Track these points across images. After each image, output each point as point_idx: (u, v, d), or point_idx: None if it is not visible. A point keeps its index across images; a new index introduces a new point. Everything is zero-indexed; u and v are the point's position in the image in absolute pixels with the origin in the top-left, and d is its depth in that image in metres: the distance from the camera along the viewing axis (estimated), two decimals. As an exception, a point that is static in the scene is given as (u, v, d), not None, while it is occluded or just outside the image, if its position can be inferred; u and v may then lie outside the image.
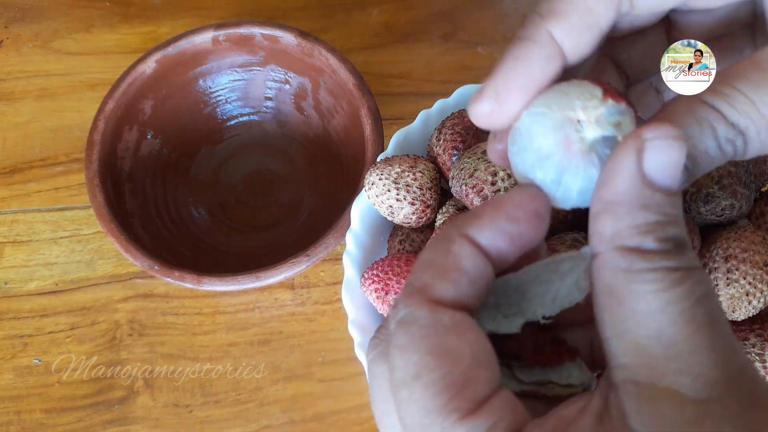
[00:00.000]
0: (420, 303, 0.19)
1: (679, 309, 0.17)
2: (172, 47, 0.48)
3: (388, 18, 0.58)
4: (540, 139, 0.20)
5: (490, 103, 0.21)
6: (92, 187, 0.44)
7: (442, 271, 0.19)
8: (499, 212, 0.20)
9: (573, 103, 0.20)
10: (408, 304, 0.19)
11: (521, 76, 0.21)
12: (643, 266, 0.17)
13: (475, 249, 0.20)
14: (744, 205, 0.34)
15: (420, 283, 0.19)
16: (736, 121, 0.19)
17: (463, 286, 0.19)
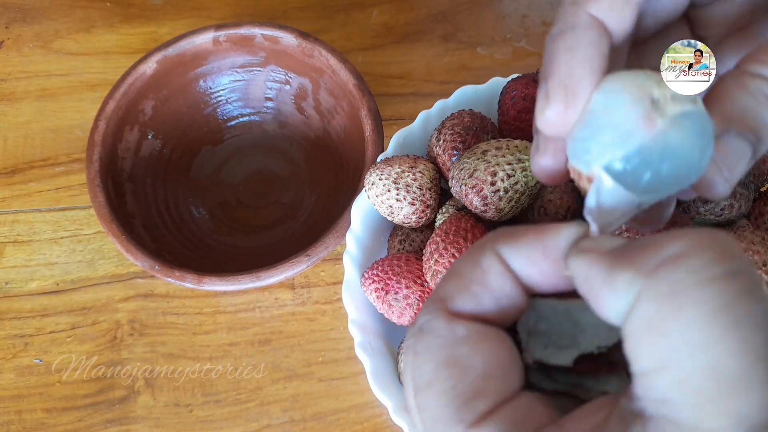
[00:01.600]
0: (439, 311, 0.19)
1: (737, 336, 0.15)
2: (173, 48, 0.48)
3: (388, 18, 0.58)
4: (621, 114, 0.19)
5: (562, 102, 0.20)
6: (93, 188, 0.44)
7: (467, 283, 0.19)
8: (537, 244, 0.19)
9: (644, 83, 0.19)
10: (429, 311, 0.19)
11: (583, 64, 0.20)
12: (693, 280, 0.15)
13: (504, 268, 0.19)
14: (743, 205, 0.34)
15: (443, 293, 0.20)
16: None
17: (484, 302, 0.19)
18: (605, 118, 0.19)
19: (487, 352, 0.18)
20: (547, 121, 0.20)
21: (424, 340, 0.19)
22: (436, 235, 0.35)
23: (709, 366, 0.15)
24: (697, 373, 0.15)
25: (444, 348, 0.18)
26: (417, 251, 0.38)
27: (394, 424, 0.42)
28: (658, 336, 0.15)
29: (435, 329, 0.19)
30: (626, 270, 0.16)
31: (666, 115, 0.18)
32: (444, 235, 0.34)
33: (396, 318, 0.36)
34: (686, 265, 0.15)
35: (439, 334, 0.19)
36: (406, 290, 0.36)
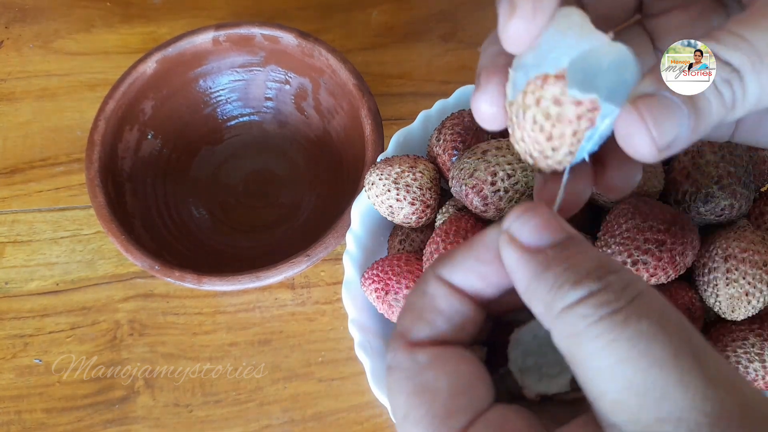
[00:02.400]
0: (399, 348, 0.20)
1: (635, 353, 0.16)
2: (173, 47, 0.48)
3: (388, 18, 0.58)
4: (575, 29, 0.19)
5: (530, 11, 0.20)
6: (93, 187, 0.44)
7: (419, 312, 0.21)
8: (469, 253, 0.21)
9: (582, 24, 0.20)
10: (393, 348, 0.20)
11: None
12: (582, 325, 0.17)
13: (448, 288, 0.21)
14: (743, 205, 0.34)
15: (401, 328, 0.21)
16: (727, 58, 0.19)
17: (439, 324, 0.20)
18: (557, 40, 0.20)
19: (451, 372, 0.19)
20: (510, 34, 0.20)
21: (393, 375, 0.20)
22: (436, 235, 0.35)
23: (626, 385, 0.16)
24: (621, 392, 0.16)
25: (410, 378, 0.19)
26: (417, 251, 0.38)
27: (394, 425, 0.42)
28: (579, 367, 0.17)
29: (399, 363, 0.20)
30: (537, 304, 0.18)
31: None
32: (444, 235, 0.34)
33: (396, 318, 0.36)
34: (579, 312, 0.17)
35: (404, 367, 0.20)
36: (406, 290, 0.35)
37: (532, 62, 0.20)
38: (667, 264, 0.31)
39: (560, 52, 0.20)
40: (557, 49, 0.20)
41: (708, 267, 0.33)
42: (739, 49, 0.19)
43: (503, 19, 0.20)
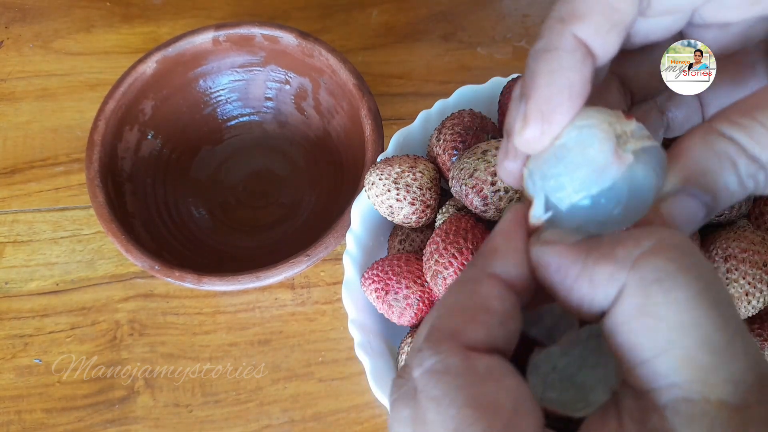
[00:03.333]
0: (451, 350, 0.18)
1: (720, 312, 0.16)
2: (173, 47, 0.48)
3: (388, 18, 0.58)
4: (595, 150, 0.20)
5: (539, 125, 0.20)
6: (93, 188, 0.44)
7: (472, 313, 0.19)
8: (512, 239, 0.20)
9: (609, 119, 0.20)
10: (439, 351, 0.18)
11: (562, 90, 0.20)
12: (673, 267, 0.17)
13: (502, 287, 0.19)
14: (743, 205, 0.34)
15: (449, 328, 0.18)
16: (757, 155, 0.19)
17: (495, 328, 0.19)
18: (579, 154, 0.20)
19: (513, 388, 0.17)
20: (523, 141, 0.20)
21: (441, 381, 0.17)
22: (436, 235, 0.35)
23: (704, 341, 0.16)
24: (696, 349, 0.16)
25: (466, 388, 0.17)
26: (417, 251, 0.38)
27: (394, 425, 0.42)
28: (653, 321, 0.17)
29: (451, 368, 0.17)
30: (605, 264, 0.17)
31: (629, 151, 0.19)
32: (444, 235, 0.34)
33: (396, 318, 0.36)
34: (665, 255, 0.17)
35: (458, 373, 0.17)
36: (406, 290, 0.35)
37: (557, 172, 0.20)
38: (667, 264, 0.31)
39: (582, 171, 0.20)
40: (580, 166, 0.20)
41: (708, 267, 0.33)
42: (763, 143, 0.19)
43: (518, 126, 0.20)
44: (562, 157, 0.20)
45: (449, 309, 0.19)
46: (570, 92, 0.20)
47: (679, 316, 0.16)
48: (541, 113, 0.20)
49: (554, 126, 0.20)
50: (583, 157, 0.20)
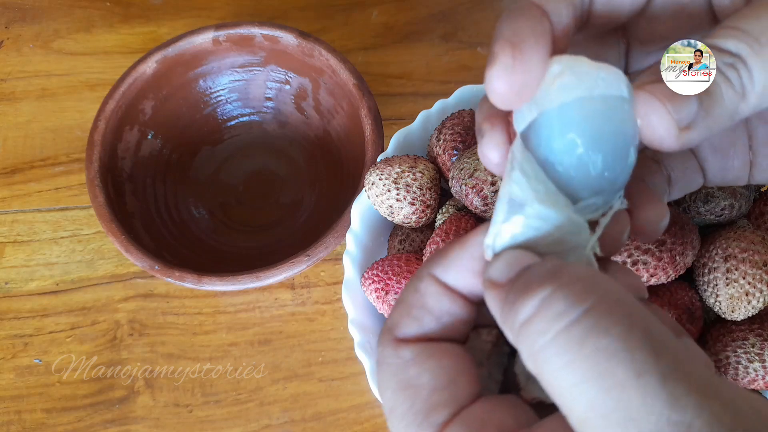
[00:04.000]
0: (387, 343, 0.21)
1: (596, 373, 0.15)
2: (173, 47, 0.48)
3: (388, 18, 0.58)
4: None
5: (509, 58, 0.19)
6: (93, 188, 0.44)
7: (408, 308, 0.21)
8: (462, 251, 0.21)
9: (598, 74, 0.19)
10: (381, 343, 0.21)
11: (525, 27, 0.19)
12: (541, 342, 0.16)
13: (439, 287, 0.21)
14: (743, 205, 0.34)
15: (390, 323, 0.21)
16: (725, 46, 0.19)
17: (426, 322, 0.20)
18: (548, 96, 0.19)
19: (433, 368, 0.20)
20: (494, 87, 0.19)
21: (381, 370, 0.20)
22: (436, 235, 0.35)
23: (590, 406, 0.15)
24: (586, 413, 0.15)
25: (395, 374, 0.20)
26: (417, 251, 0.38)
27: (394, 424, 0.42)
28: (545, 385, 0.17)
29: (387, 358, 0.20)
30: (506, 330, 0.18)
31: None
32: (444, 235, 0.34)
33: (396, 318, 0.36)
34: (534, 328, 0.17)
35: (390, 362, 0.20)
36: (406, 290, 0.35)
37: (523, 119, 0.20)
38: (667, 264, 0.31)
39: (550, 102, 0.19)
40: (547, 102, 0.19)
41: (708, 267, 0.33)
42: (735, 37, 0.19)
43: (487, 72, 0.19)
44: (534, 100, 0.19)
45: (397, 303, 0.21)
46: (534, 30, 0.19)
47: (561, 382, 0.16)
48: (509, 43, 0.19)
49: (525, 57, 0.19)
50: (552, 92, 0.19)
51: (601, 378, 0.15)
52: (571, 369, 0.16)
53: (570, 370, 0.16)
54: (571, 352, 0.16)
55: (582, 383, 0.15)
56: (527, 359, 0.17)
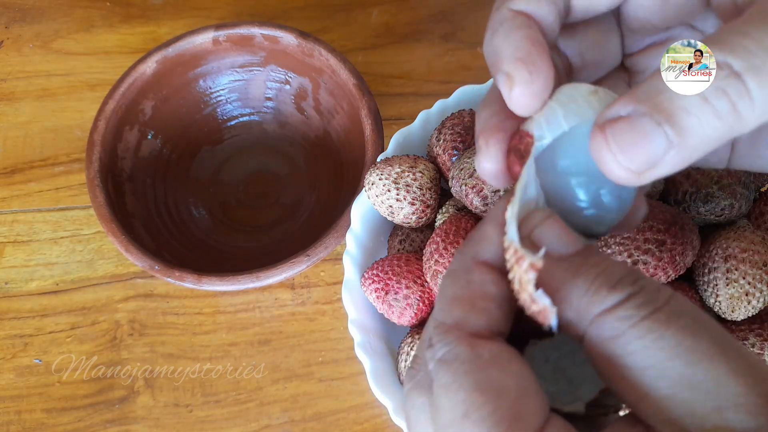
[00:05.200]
0: (458, 339, 0.19)
1: (684, 348, 0.16)
2: (173, 47, 0.48)
3: (388, 18, 0.58)
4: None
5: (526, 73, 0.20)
6: (93, 188, 0.44)
7: (470, 302, 0.19)
8: (502, 228, 0.20)
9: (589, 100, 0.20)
10: (447, 341, 0.19)
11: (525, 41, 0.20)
12: (624, 326, 0.17)
13: (493, 272, 0.20)
14: (743, 205, 0.34)
15: (452, 320, 0.19)
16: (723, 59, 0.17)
17: (494, 312, 0.19)
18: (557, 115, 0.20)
19: (517, 372, 0.18)
20: (516, 98, 0.20)
21: (451, 369, 0.18)
22: (436, 235, 0.35)
23: (677, 381, 0.16)
24: (671, 389, 0.16)
25: (473, 373, 0.18)
26: (417, 251, 0.38)
27: (394, 425, 0.42)
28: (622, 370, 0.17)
29: (459, 356, 0.18)
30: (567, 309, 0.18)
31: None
32: (444, 235, 0.34)
33: (396, 318, 0.36)
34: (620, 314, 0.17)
35: (465, 359, 0.18)
36: (406, 290, 0.35)
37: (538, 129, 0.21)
38: (667, 264, 0.31)
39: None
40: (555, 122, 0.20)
41: (708, 267, 0.33)
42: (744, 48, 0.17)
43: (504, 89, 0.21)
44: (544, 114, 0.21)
45: (449, 301, 0.20)
46: (530, 40, 0.20)
47: (645, 366, 0.17)
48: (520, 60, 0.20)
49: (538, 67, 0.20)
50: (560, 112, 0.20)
51: (689, 352, 0.16)
52: (659, 347, 0.16)
53: (657, 347, 0.16)
54: (658, 332, 0.17)
55: (670, 359, 0.16)
56: (599, 343, 0.17)
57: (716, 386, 0.16)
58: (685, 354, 0.16)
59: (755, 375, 0.16)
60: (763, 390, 0.16)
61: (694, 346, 0.16)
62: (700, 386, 0.16)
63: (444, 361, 0.18)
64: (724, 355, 0.16)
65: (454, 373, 0.18)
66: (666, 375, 0.16)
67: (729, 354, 0.16)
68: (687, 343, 0.16)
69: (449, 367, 0.18)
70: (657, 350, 0.16)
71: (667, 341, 0.16)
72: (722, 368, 0.16)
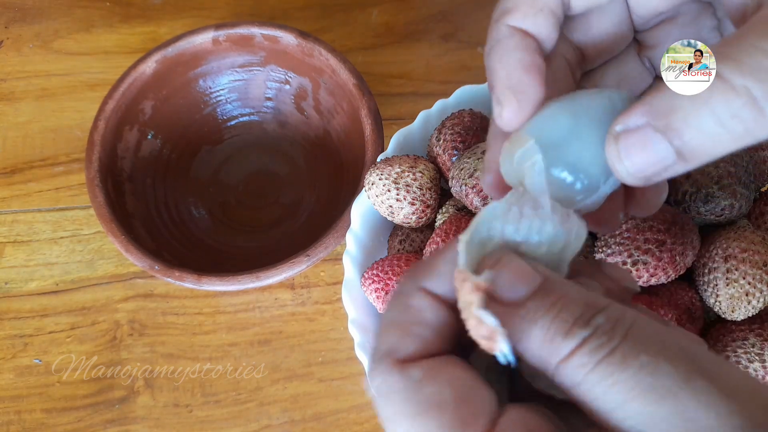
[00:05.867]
0: (389, 368, 0.19)
1: (642, 389, 0.16)
2: (172, 47, 0.48)
3: (388, 18, 0.58)
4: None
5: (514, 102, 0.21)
6: (93, 187, 0.44)
7: (404, 328, 0.19)
8: (448, 259, 0.20)
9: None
10: (380, 371, 0.19)
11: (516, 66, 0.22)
12: (582, 373, 0.17)
13: (433, 300, 0.20)
14: (743, 205, 0.34)
15: (386, 346, 0.19)
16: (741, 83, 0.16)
17: (428, 338, 0.19)
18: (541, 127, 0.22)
19: (451, 379, 0.18)
20: (506, 122, 0.22)
21: (389, 400, 0.18)
22: (436, 235, 0.35)
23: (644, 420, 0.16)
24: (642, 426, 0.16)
25: (409, 398, 0.18)
26: (417, 251, 0.38)
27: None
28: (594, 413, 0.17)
29: (393, 385, 0.18)
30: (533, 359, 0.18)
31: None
32: (444, 235, 0.34)
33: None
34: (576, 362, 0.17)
35: (399, 388, 0.18)
36: (406, 290, 0.35)
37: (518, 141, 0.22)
38: (667, 264, 0.31)
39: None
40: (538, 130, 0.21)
41: (708, 267, 0.33)
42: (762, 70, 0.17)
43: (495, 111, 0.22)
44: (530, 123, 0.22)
45: (386, 326, 0.20)
46: (522, 65, 0.22)
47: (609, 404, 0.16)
48: (509, 89, 0.22)
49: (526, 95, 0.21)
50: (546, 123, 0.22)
51: (649, 391, 0.16)
52: (617, 391, 0.16)
53: (616, 391, 0.16)
54: (614, 375, 0.16)
55: (631, 400, 0.16)
56: (567, 390, 0.17)
57: (684, 421, 0.15)
58: (643, 395, 0.16)
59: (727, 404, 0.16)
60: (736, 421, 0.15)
61: (653, 384, 0.16)
62: (669, 421, 0.16)
63: (380, 393, 0.19)
64: (689, 387, 0.16)
65: (392, 404, 0.18)
66: (630, 416, 0.16)
67: (694, 384, 0.16)
68: (645, 383, 0.16)
69: (386, 398, 0.18)
70: (616, 394, 0.16)
71: (623, 384, 0.16)
72: (688, 402, 0.16)
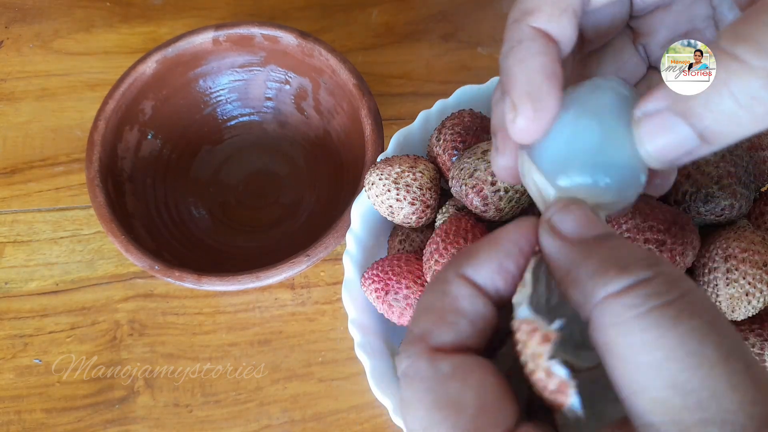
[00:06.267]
0: (419, 353, 0.18)
1: (685, 351, 0.15)
2: (173, 47, 0.48)
3: (388, 18, 0.58)
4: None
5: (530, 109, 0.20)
6: (93, 188, 0.44)
7: (440, 314, 0.19)
8: (495, 249, 0.20)
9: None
10: (410, 354, 0.19)
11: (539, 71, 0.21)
12: (628, 315, 0.16)
13: (472, 289, 0.19)
14: (744, 205, 0.34)
15: (419, 330, 0.19)
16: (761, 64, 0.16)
17: (462, 328, 0.19)
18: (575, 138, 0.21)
19: (478, 385, 0.18)
20: (518, 130, 0.21)
21: (411, 385, 0.18)
22: (437, 235, 0.35)
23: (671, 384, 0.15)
24: (664, 391, 0.15)
25: (432, 390, 0.18)
26: (417, 251, 0.38)
27: (394, 425, 0.42)
28: (613, 359, 0.16)
29: (419, 371, 0.18)
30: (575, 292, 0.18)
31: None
32: (444, 235, 0.34)
33: (396, 318, 0.36)
34: (625, 301, 0.16)
35: (425, 376, 0.18)
36: (406, 290, 0.35)
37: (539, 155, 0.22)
38: (667, 264, 0.31)
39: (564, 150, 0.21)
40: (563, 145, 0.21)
41: (708, 267, 0.33)
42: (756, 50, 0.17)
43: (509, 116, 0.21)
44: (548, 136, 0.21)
45: (421, 310, 0.20)
46: (545, 71, 0.21)
47: (640, 360, 0.16)
48: (529, 95, 0.20)
49: (544, 104, 0.20)
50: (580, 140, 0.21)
51: (690, 356, 0.15)
52: (659, 345, 0.15)
53: (657, 345, 0.15)
54: (662, 328, 0.15)
55: (668, 360, 0.15)
56: (602, 329, 0.16)
57: (709, 397, 0.15)
58: (684, 357, 0.15)
59: (754, 393, 0.15)
60: (755, 411, 0.15)
61: (696, 351, 0.15)
62: (693, 394, 0.15)
63: (406, 375, 0.18)
64: (726, 366, 0.15)
65: (414, 390, 0.18)
66: (661, 375, 0.15)
67: (732, 365, 0.15)
68: (690, 347, 0.15)
69: (410, 382, 0.18)
70: (656, 348, 0.15)
71: (668, 340, 0.15)
72: (720, 379, 0.15)
